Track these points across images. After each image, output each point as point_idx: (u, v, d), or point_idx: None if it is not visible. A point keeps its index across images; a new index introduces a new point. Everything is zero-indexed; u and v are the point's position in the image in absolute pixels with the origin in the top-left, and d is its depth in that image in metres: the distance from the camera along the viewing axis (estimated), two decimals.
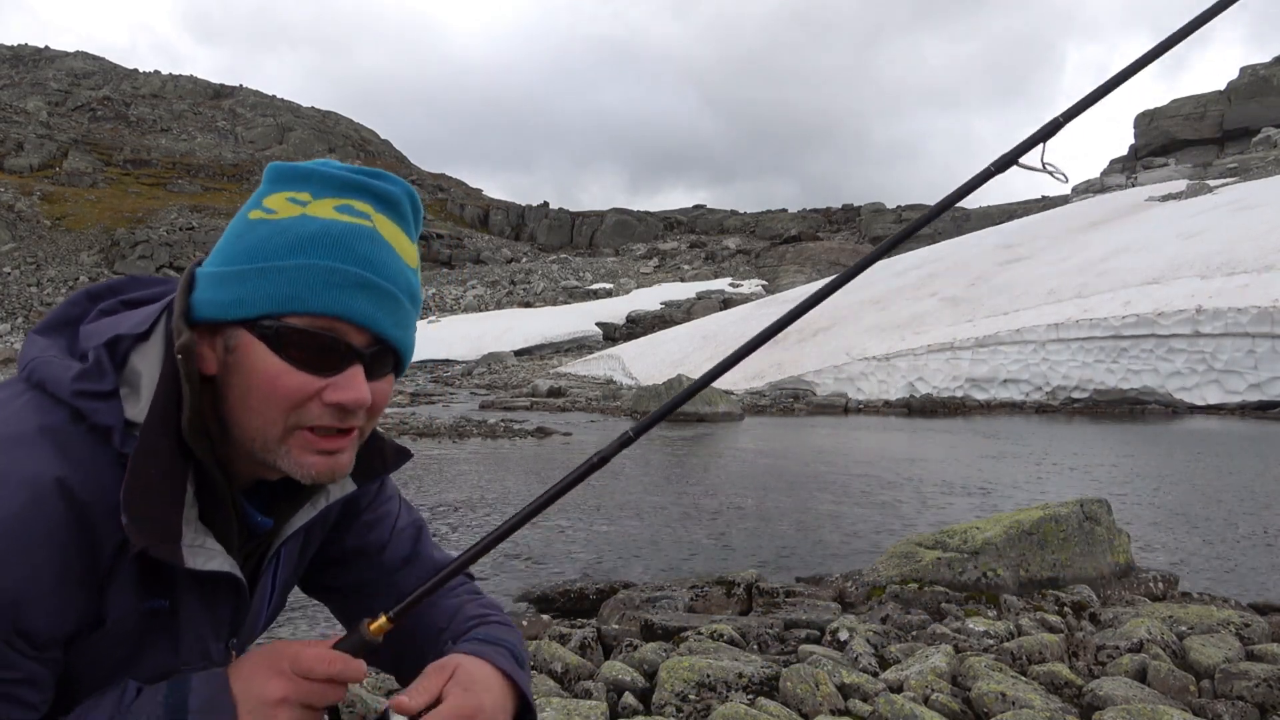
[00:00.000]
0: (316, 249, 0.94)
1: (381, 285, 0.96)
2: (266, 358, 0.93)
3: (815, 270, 63.62)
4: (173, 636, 0.99)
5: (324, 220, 0.95)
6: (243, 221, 0.98)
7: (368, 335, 0.96)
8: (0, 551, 0.83)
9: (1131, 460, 12.88)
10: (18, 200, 76.36)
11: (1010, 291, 27.12)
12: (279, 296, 0.93)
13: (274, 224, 0.96)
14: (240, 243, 0.97)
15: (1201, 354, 20.54)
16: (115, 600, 0.93)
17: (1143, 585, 5.78)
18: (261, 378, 0.94)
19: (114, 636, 0.94)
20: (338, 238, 0.94)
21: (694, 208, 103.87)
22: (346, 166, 1.01)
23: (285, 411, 0.95)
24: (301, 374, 0.94)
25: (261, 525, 1.06)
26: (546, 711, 3.18)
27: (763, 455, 13.60)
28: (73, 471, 0.88)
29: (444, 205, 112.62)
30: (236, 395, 0.95)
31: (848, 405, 22.61)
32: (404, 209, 1.01)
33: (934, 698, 3.50)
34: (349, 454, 1.00)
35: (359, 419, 0.99)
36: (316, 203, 0.96)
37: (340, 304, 0.93)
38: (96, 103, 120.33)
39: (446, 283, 71.00)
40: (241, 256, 0.95)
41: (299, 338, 0.93)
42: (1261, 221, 26.35)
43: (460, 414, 19.53)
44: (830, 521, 8.41)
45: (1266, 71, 70.29)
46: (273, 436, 0.96)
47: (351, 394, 0.95)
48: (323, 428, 0.96)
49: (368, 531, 1.24)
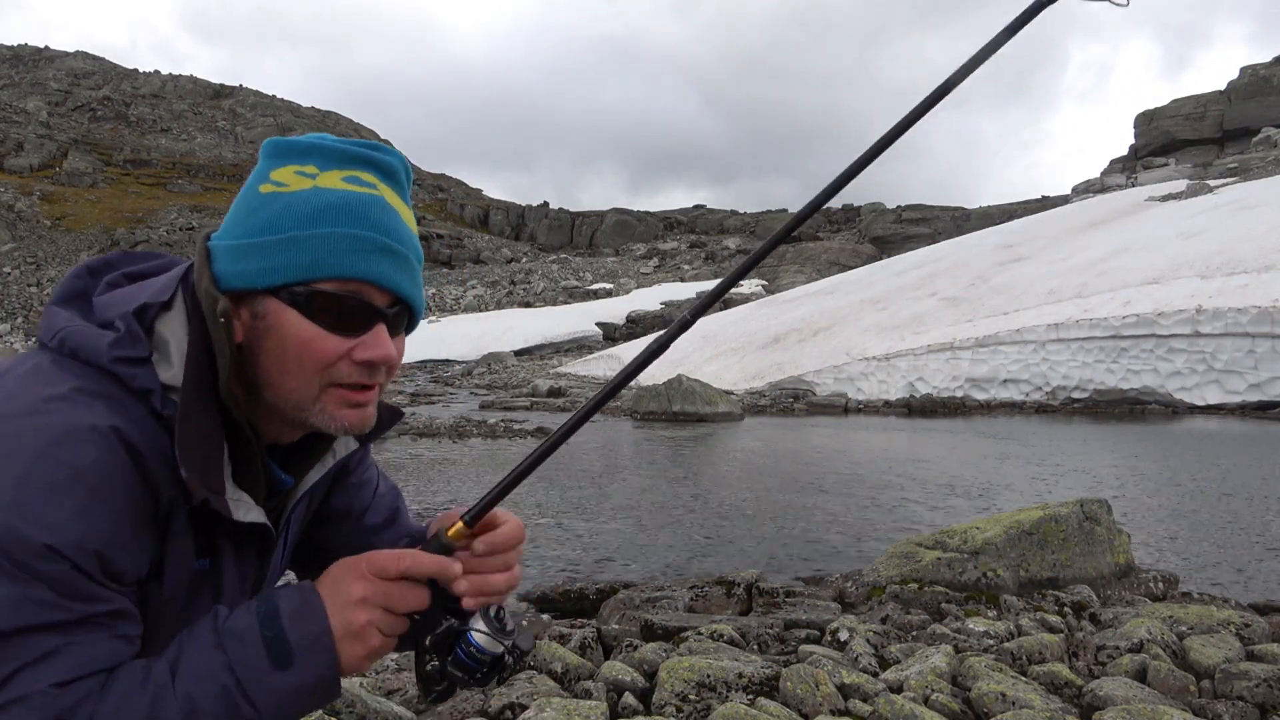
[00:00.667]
0: (338, 218, 1.00)
1: (398, 249, 1.03)
2: (299, 322, 1.00)
3: (815, 270, 63.60)
4: (214, 595, 1.05)
5: (339, 191, 1.01)
6: (255, 195, 1.03)
7: (389, 295, 1.04)
8: (88, 495, 0.89)
9: (1131, 460, 12.88)
10: (18, 200, 76.37)
11: (1010, 291, 27.12)
12: (307, 264, 0.99)
13: (290, 196, 1.01)
14: (258, 216, 1.02)
15: (1201, 354, 20.54)
16: (172, 556, 0.99)
17: (1143, 585, 5.78)
18: (295, 341, 1.00)
19: (168, 593, 1.00)
20: (354, 206, 1.01)
21: (694, 208, 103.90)
22: (344, 140, 1.06)
23: (319, 371, 1.01)
24: (332, 336, 1.00)
25: (285, 483, 1.12)
26: (547, 711, 3.18)
27: (763, 455, 13.60)
28: (127, 425, 0.94)
29: (444, 205, 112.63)
30: (271, 359, 1.01)
31: (848, 405, 22.61)
32: (400, 178, 1.08)
33: (934, 698, 3.50)
34: (374, 407, 1.08)
35: (382, 375, 1.06)
36: (324, 175, 1.02)
37: (365, 268, 1.00)
38: (96, 103, 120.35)
39: (446, 283, 71.00)
40: (263, 229, 1.01)
41: (329, 302, 1.00)
42: (1261, 221, 26.36)
43: (460, 414, 19.53)
44: (830, 521, 8.41)
45: (1266, 71, 70.28)
46: (308, 395, 1.02)
47: (379, 351, 1.02)
48: (352, 384, 1.03)
49: (353, 494, 1.29)
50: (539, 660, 3.94)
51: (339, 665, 0.96)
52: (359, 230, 1.00)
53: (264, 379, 1.02)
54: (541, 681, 3.68)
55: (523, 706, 3.36)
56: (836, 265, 62.81)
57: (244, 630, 0.94)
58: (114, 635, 0.92)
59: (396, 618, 1.00)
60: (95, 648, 0.90)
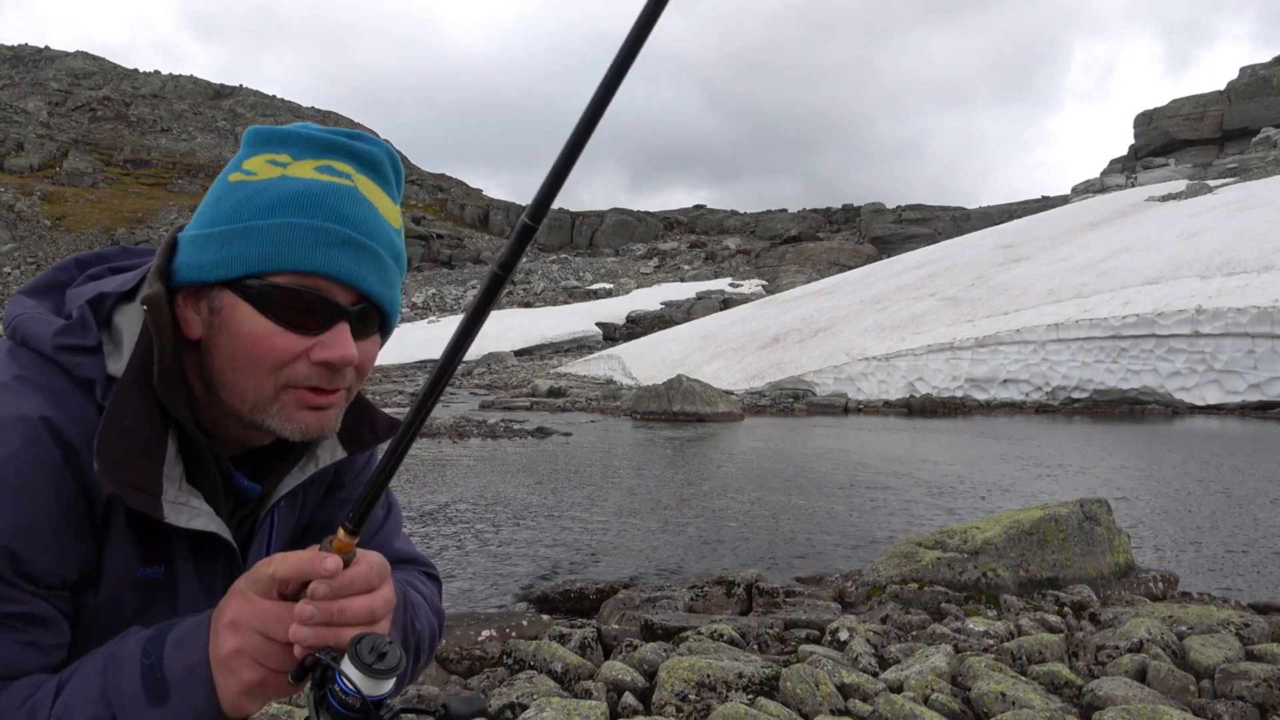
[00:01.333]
0: (298, 208, 0.94)
1: (364, 242, 0.96)
2: (252, 318, 0.93)
3: (815, 270, 63.61)
4: (170, 606, 0.99)
5: (304, 180, 0.96)
6: (223, 184, 0.98)
7: (353, 293, 0.96)
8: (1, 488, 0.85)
9: (1131, 460, 12.88)
10: (18, 200, 76.38)
11: (1010, 291, 27.13)
12: (262, 255, 0.93)
13: (254, 185, 0.96)
14: (221, 205, 0.97)
15: (1201, 354, 20.54)
16: (111, 559, 0.93)
17: (1143, 585, 5.78)
18: (248, 338, 0.94)
19: (111, 602, 0.94)
20: (319, 196, 0.95)
21: (694, 208, 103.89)
22: (326, 128, 1.00)
23: (273, 371, 0.94)
24: (288, 333, 0.94)
25: (249, 490, 1.05)
26: (547, 711, 3.18)
27: (762, 455, 13.60)
28: (60, 416, 0.89)
29: (444, 205, 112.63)
30: (224, 356, 0.95)
31: (848, 405, 22.61)
32: (384, 169, 1.02)
33: (934, 698, 3.50)
34: (336, 411, 1.00)
35: (346, 378, 0.99)
36: (297, 164, 0.97)
37: (324, 261, 0.93)
38: (96, 103, 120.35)
39: (446, 283, 71.01)
40: (223, 218, 0.96)
41: (284, 296, 0.93)
42: (1261, 221, 26.36)
43: (460, 414, 19.53)
44: (830, 521, 8.41)
45: (1266, 71, 70.28)
46: (263, 396, 0.95)
47: (338, 351, 0.94)
48: (311, 387, 0.96)
49: (339, 508, 1.22)
50: (539, 660, 3.94)
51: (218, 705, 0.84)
52: (320, 221, 0.94)
53: (219, 378, 0.96)
54: (541, 681, 3.68)
55: (523, 706, 3.36)
56: (836, 265, 62.80)
57: (126, 656, 0.86)
58: (20, 641, 0.87)
59: (278, 646, 0.83)
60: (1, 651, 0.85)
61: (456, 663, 4.30)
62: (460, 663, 4.29)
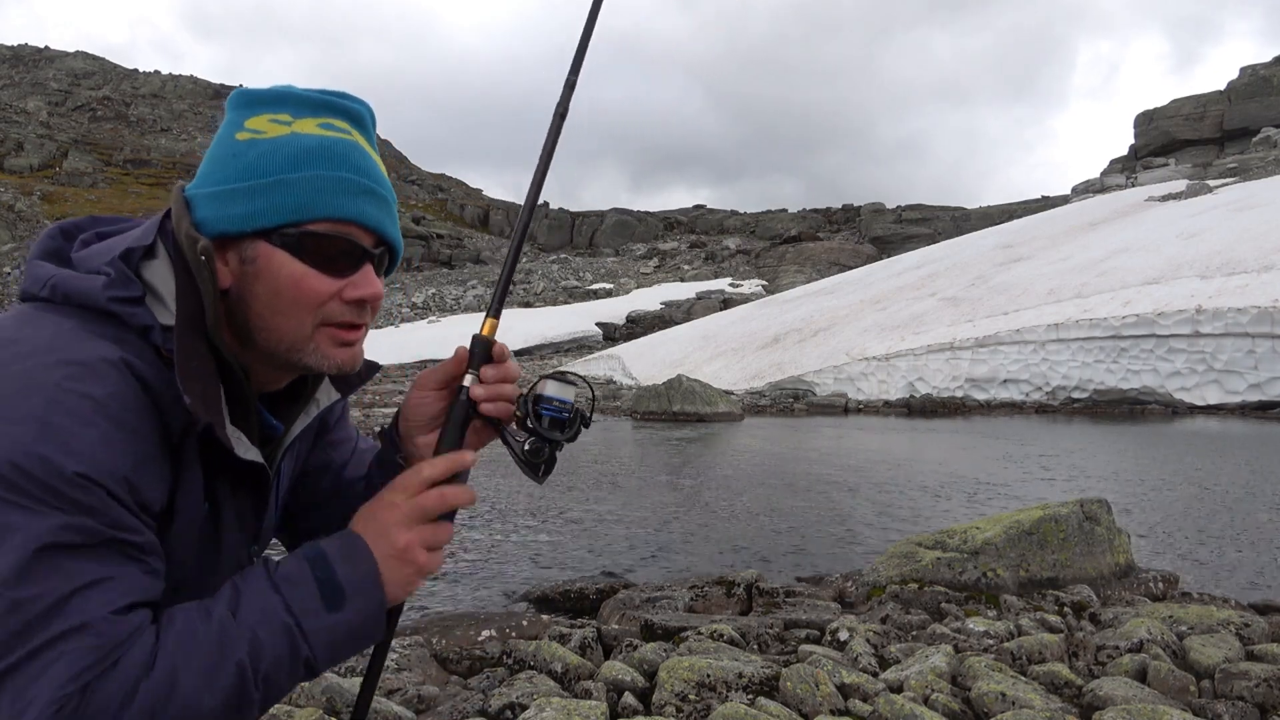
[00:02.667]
0: (322, 161, 1.02)
1: (380, 191, 1.06)
2: (290, 263, 1.01)
3: (815, 270, 63.59)
4: (216, 539, 1.05)
5: (317, 136, 1.03)
6: (233, 143, 1.04)
7: (374, 236, 1.06)
8: (111, 424, 0.89)
9: (1131, 460, 12.88)
10: (18, 200, 76.38)
11: (1010, 291, 27.13)
12: (298, 205, 1.00)
13: (269, 142, 1.02)
14: (238, 161, 1.02)
15: (1201, 354, 20.54)
16: (183, 491, 0.99)
17: (1143, 585, 5.78)
18: (287, 282, 1.01)
19: (179, 532, 0.99)
20: (338, 150, 1.03)
21: (694, 208, 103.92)
22: (310, 89, 1.07)
23: (312, 311, 1.03)
24: (324, 276, 1.02)
25: (276, 428, 1.14)
26: (547, 711, 3.18)
27: (762, 455, 13.60)
28: (134, 358, 0.94)
29: (444, 205, 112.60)
30: (263, 302, 1.02)
31: (848, 405, 22.61)
32: (368, 124, 1.10)
33: (934, 698, 3.50)
34: (361, 346, 1.10)
35: (369, 314, 1.08)
36: (300, 121, 1.03)
37: (353, 209, 1.03)
38: (96, 103, 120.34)
39: (446, 283, 70.99)
40: (245, 174, 1.01)
41: (320, 242, 1.02)
42: (1261, 221, 26.36)
43: None
44: (830, 521, 8.41)
45: (1266, 71, 70.29)
46: (302, 335, 1.04)
47: (369, 289, 1.05)
48: (343, 323, 1.05)
49: (332, 450, 1.31)
50: (539, 660, 3.94)
51: (385, 604, 1.00)
52: (344, 173, 1.02)
53: (256, 322, 1.03)
54: (541, 681, 3.68)
55: (523, 706, 3.36)
56: (836, 265, 62.80)
57: (296, 574, 0.97)
58: (147, 570, 0.91)
59: (437, 525, 1.05)
60: (138, 579, 0.90)
61: (456, 662, 4.30)
62: (460, 663, 4.29)
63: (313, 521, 1.31)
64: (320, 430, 1.29)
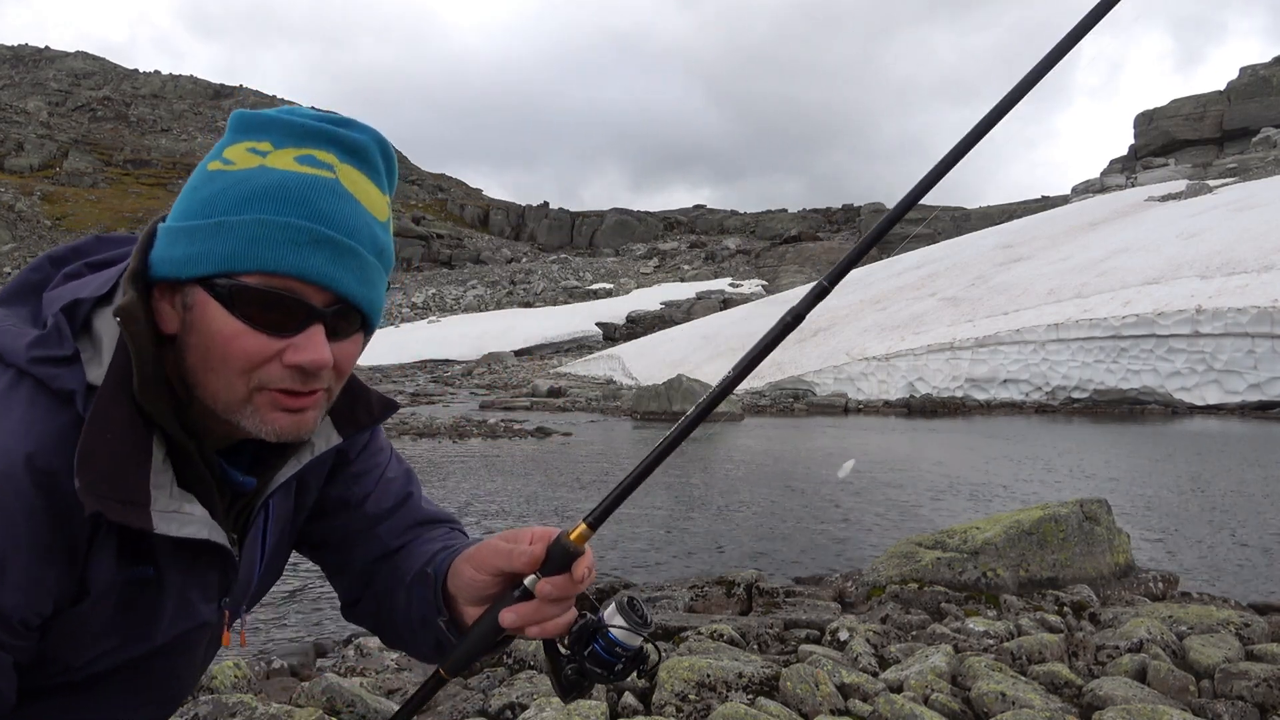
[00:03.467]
0: (272, 203, 0.89)
1: (341, 241, 0.91)
2: (222, 318, 0.90)
3: (815, 270, 63.60)
4: (156, 602, 0.97)
5: (282, 172, 0.91)
6: (201, 174, 0.94)
7: (328, 294, 0.92)
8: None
9: (1131, 460, 12.88)
10: (18, 200, 76.39)
11: (1010, 291, 27.12)
12: (232, 254, 0.89)
13: (231, 176, 0.91)
14: (196, 196, 0.93)
15: (1201, 354, 20.54)
16: (98, 571, 0.91)
17: (1143, 585, 5.78)
18: (218, 338, 0.90)
19: (100, 605, 0.93)
20: (294, 190, 0.90)
21: (694, 208, 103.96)
22: (313, 113, 0.96)
23: (244, 373, 0.91)
24: (259, 335, 0.90)
25: (244, 485, 1.03)
26: (547, 711, 3.19)
27: (762, 455, 13.60)
28: (38, 443, 0.86)
29: (444, 205, 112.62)
30: (197, 356, 0.92)
31: (848, 405, 22.61)
32: (373, 158, 0.97)
33: (934, 698, 3.50)
34: (315, 413, 0.97)
35: (323, 380, 0.95)
36: (277, 153, 0.92)
37: (296, 262, 0.89)
38: (96, 103, 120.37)
39: (446, 283, 71.02)
40: (197, 211, 0.91)
41: (254, 297, 0.89)
42: (1261, 221, 26.35)
43: (460, 414, 19.52)
44: (830, 521, 8.41)
45: (1266, 71, 70.30)
46: (235, 398, 0.92)
47: (310, 355, 0.91)
48: (285, 390, 0.93)
49: (353, 483, 1.20)
50: (539, 660, 3.95)
51: None
52: (294, 219, 0.89)
53: (190, 377, 0.93)
54: (541, 681, 3.68)
55: (523, 706, 3.36)
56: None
57: None
58: None
59: None
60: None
61: None
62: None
63: (331, 559, 1.24)
64: (339, 464, 1.20)
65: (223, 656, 4.22)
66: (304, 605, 5.72)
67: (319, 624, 5.37)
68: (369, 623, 1.24)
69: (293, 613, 5.57)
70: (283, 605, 5.69)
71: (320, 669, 4.40)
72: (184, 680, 1.10)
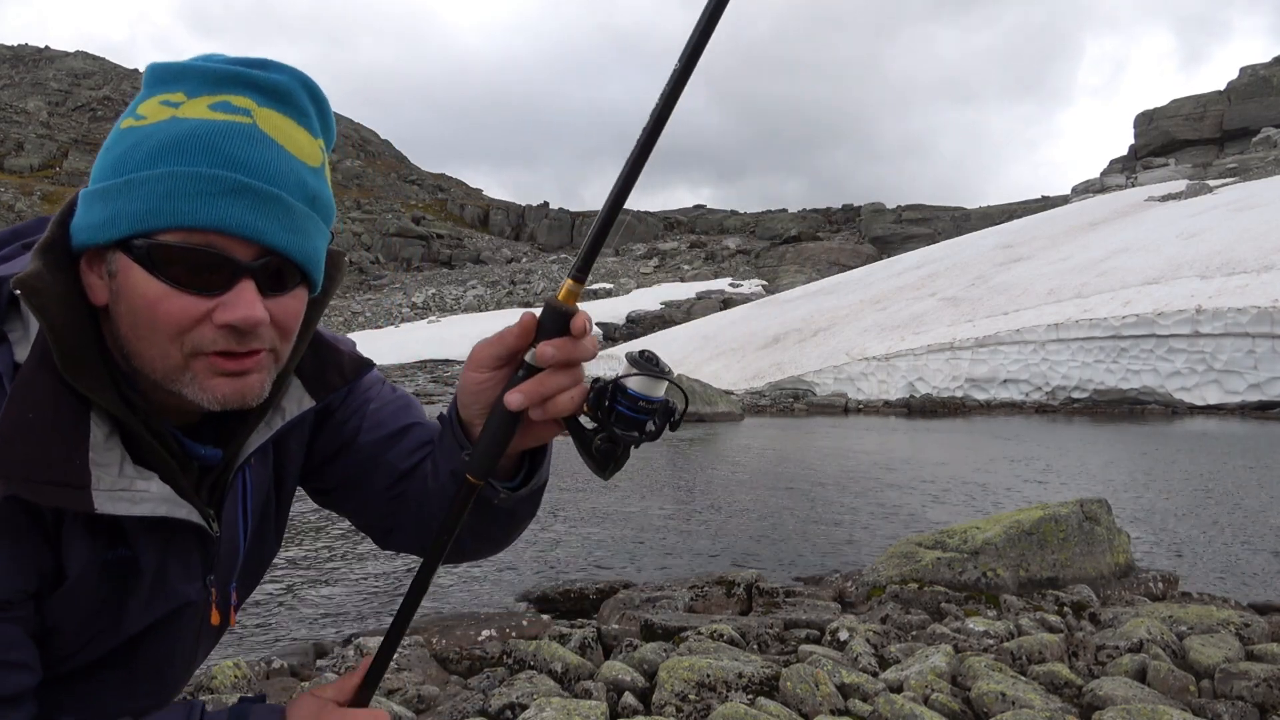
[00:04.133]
0: (182, 154, 0.84)
1: (261, 188, 0.85)
2: (145, 281, 0.85)
3: (815, 270, 63.60)
4: (135, 583, 0.96)
5: (193, 121, 0.85)
6: (115, 132, 0.89)
7: (254, 247, 0.86)
8: None
9: (1131, 460, 12.88)
10: (18, 200, 76.41)
11: (1010, 291, 27.12)
12: (146, 212, 0.84)
13: (140, 131, 0.86)
14: (108, 155, 0.88)
15: (1201, 354, 20.54)
16: (72, 553, 0.89)
17: (1143, 585, 5.78)
18: (143, 303, 0.85)
19: (80, 589, 0.91)
20: (206, 138, 0.84)
21: (694, 208, 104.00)
22: (227, 58, 0.90)
23: (175, 337, 0.86)
24: (184, 295, 0.85)
25: (208, 458, 0.98)
26: (547, 711, 3.18)
27: (762, 455, 13.60)
28: None
29: (444, 205, 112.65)
30: (127, 324, 0.88)
31: (847, 405, 22.61)
32: (298, 100, 0.91)
33: (934, 698, 3.50)
34: (259, 375, 0.92)
35: (262, 339, 0.90)
36: (190, 102, 0.86)
37: (213, 214, 0.83)
38: (96, 103, 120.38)
39: (446, 283, 71.04)
40: (109, 171, 0.87)
41: (173, 255, 0.84)
42: (1261, 221, 26.35)
43: None
44: (830, 521, 8.41)
45: (1266, 71, 70.29)
46: (172, 365, 0.88)
47: (241, 312, 0.85)
48: (220, 352, 0.88)
49: (341, 428, 1.17)
50: (539, 660, 3.95)
51: None
52: (205, 168, 0.83)
53: (127, 347, 0.89)
54: (541, 681, 3.68)
55: (523, 706, 3.36)
56: (836, 265, 62.79)
57: None
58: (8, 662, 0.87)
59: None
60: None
61: (456, 662, 4.30)
62: (460, 662, 4.29)
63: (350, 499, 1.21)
64: (322, 419, 1.16)
65: (223, 657, 4.22)
66: (304, 605, 5.72)
67: (319, 624, 5.37)
68: (411, 543, 1.20)
69: (293, 613, 5.57)
70: (282, 605, 5.69)
71: (320, 669, 4.40)
72: (177, 666, 1.08)
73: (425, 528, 1.15)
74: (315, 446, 1.18)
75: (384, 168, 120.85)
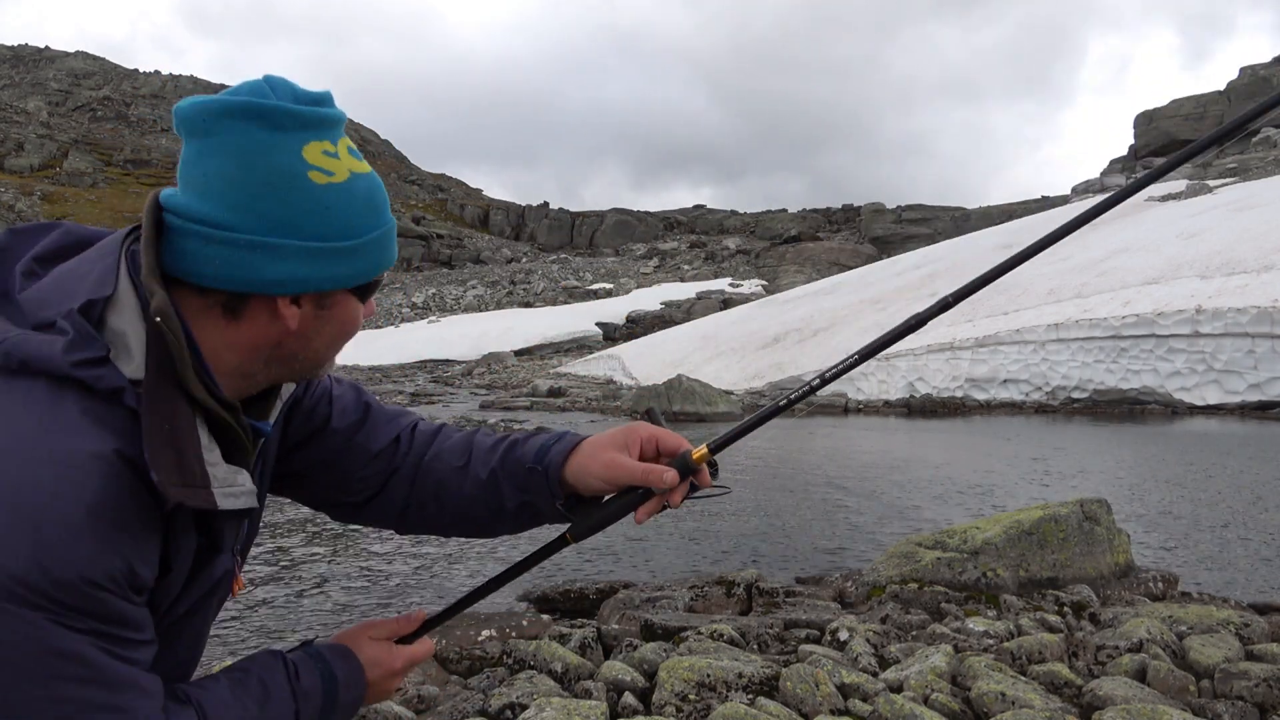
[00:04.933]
0: (375, 213, 1.05)
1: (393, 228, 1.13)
2: (355, 306, 1.09)
3: (815, 270, 63.60)
4: (211, 572, 1.07)
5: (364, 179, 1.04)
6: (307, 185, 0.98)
7: None
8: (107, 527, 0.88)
9: (1131, 460, 12.88)
10: (18, 200, 76.38)
11: (1010, 291, 27.12)
12: (372, 266, 1.06)
13: (342, 189, 1.01)
14: (328, 215, 1.00)
15: (1201, 354, 20.53)
16: (178, 546, 0.99)
17: (1143, 585, 5.78)
18: (350, 322, 1.09)
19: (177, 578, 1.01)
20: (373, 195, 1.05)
21: (694, 208, 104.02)
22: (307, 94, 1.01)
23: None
24: (363, 306, 1.11)
25: (264, 430, 1.14)
26: (547, 711, 3.19)
27: (762, 455, 13.60)
28: (117, 438, 0.91)
29: (444, 205, 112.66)
30: (325, 341, 1.08)
31: (847, 405, 22.61)
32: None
33: (934, 698, 3.50)
34: None
35: None
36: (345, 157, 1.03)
37: (392, 255, 1.11)
38: (96, 103, 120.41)
39: (446, 283, 71.03)
40: (337, 231, 1.01)
41: (375, 285, 1.11)
42: (1261, 221, 26.35)
43: (460, 414, 19.52)
44: (830, 521, 8.41)
45: (1266, 71, 70.30)
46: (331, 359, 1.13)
47: (372, 308, 1.14)
48: None
49: (311, 415, 1.31)
50: (539, 660, 3.95)
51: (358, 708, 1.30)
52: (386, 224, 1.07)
53: (311, 358, 1.09)
54: (541, 681, 3.68)
55: (523, 706, 3.36)
56: (836, 265, 62.81)
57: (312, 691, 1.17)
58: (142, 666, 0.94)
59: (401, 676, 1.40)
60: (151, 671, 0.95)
61: (456, 662, 4.30)
62: (460, 662, 4.29)
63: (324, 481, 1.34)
64: (294, 403, 1.28)
65: (223, 657, 4.22)
66: (304, 606, 5.72)
67: (319, 624, 5.37)
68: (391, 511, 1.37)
69: (292, 613, 5.57)
70: (282, 606, 5.69)
71: None
72: (203, 637, 1.18)
73: (422, 499, 1.35)
74: (288, 432, 1.29)
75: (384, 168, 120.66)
